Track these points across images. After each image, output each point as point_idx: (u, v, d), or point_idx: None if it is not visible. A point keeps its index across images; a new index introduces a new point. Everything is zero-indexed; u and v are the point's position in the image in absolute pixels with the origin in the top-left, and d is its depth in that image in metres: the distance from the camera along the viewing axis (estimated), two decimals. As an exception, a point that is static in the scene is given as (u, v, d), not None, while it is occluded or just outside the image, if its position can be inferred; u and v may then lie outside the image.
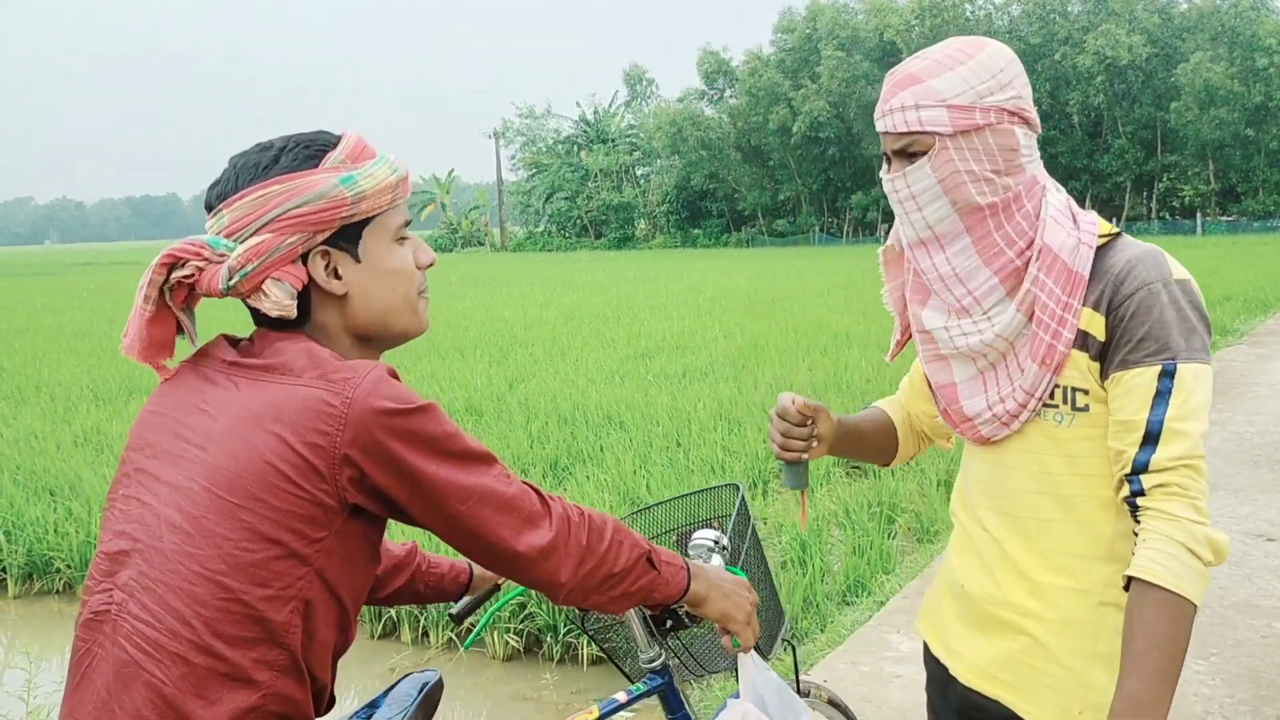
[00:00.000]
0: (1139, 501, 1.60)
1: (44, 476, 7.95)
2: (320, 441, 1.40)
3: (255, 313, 1.58)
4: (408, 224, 1.65)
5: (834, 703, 2.74)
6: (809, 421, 1.96)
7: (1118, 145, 55.87)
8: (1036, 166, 1.74)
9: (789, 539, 6.14)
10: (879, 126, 1.74)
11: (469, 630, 5.26)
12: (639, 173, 73.80)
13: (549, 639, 5.32)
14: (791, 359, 12.60)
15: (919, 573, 5.69)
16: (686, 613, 2.01)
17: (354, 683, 5.15)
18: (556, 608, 5.20)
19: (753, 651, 1.95)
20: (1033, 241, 1.70)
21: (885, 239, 1.99)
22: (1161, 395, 1.59)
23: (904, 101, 1.68)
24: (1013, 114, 1.67)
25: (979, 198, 1.68)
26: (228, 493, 1.40)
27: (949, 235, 1.73)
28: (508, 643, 5.35)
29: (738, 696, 1.98)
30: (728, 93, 66.54)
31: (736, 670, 2.01)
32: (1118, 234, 1.72)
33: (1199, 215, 52.91)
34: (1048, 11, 54.44)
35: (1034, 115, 1.72)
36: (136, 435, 1.55)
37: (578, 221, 73.31)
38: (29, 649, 5.41)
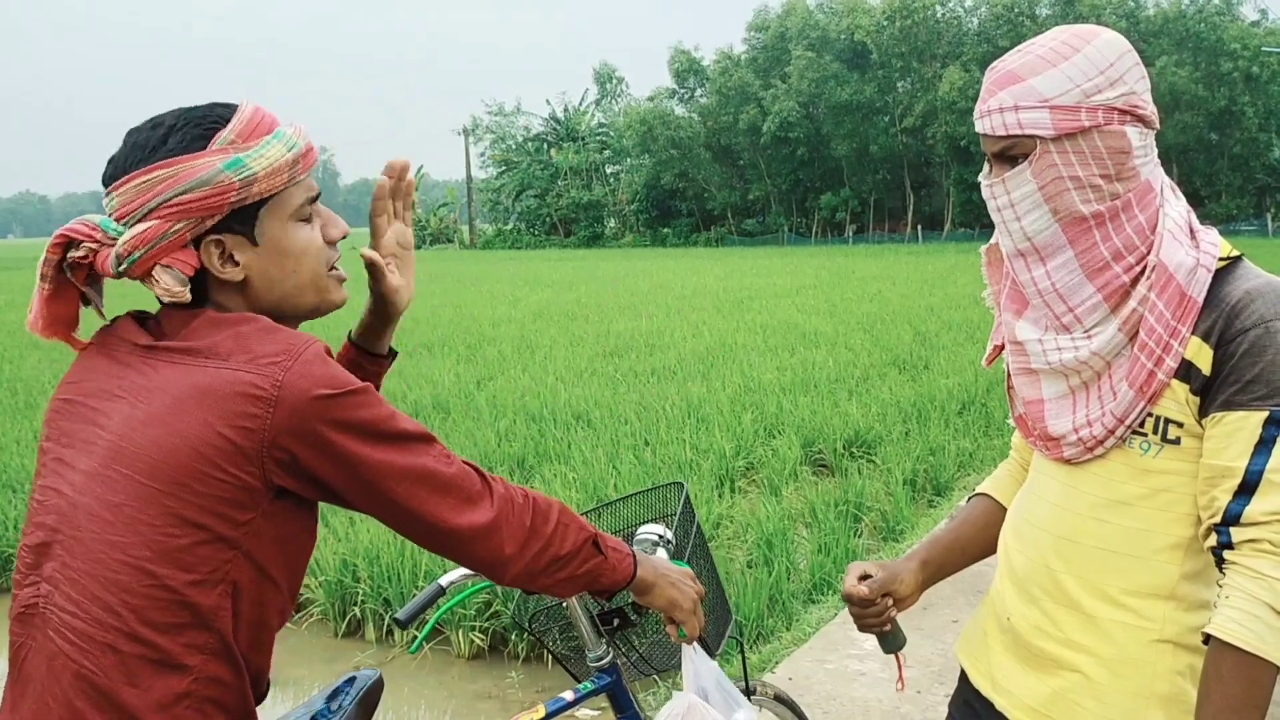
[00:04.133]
0: (1226, 555, 1.50)
1: (4, 473, 7.85)
2: (249, 424, 1.38)
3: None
4: (315, 198, 1.58)
5: (780, 699, 2.77)
6: (879, 599, 1.90)
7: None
8: (1152, 169, 1.60)
9: (755, 537, 6.15)
10: (977, 127, 1.63)
11: (435, 633, 5.24)
12: (609, 171, 73.70)
13: (514, 637, 5.31)
14: (760, 358, 12.63)
15: (884, 571, 5.70)
16: (634, 604, 2.01)
17: (318, 681, 5.12)
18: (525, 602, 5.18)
19: (696, 644, 1.96)
20: (1143, 257, 1.58)
21: (852, 240, 1.91)
22: (1265, 444, 1.47)
23: (1002, 102, 1.56)
24: (1124, 112, 1.54)
25: (1083, 206, 1.56)
26: (150, 479, 1.38)
27: (1050, 247, 1.61)
28: (472, 641, 5.32)
29: None
30: (698, 92, 66.57)
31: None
32: (1238, 258, 1.59)
33: (1163, 218, 53.40)
34: (1016, 15, 54.76)
35: (1150, 111, 1.57)
36: (52, 425, 1.52)
37: (547, 219, 73.12)
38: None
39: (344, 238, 1.63)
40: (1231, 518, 1.49)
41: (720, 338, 14.75)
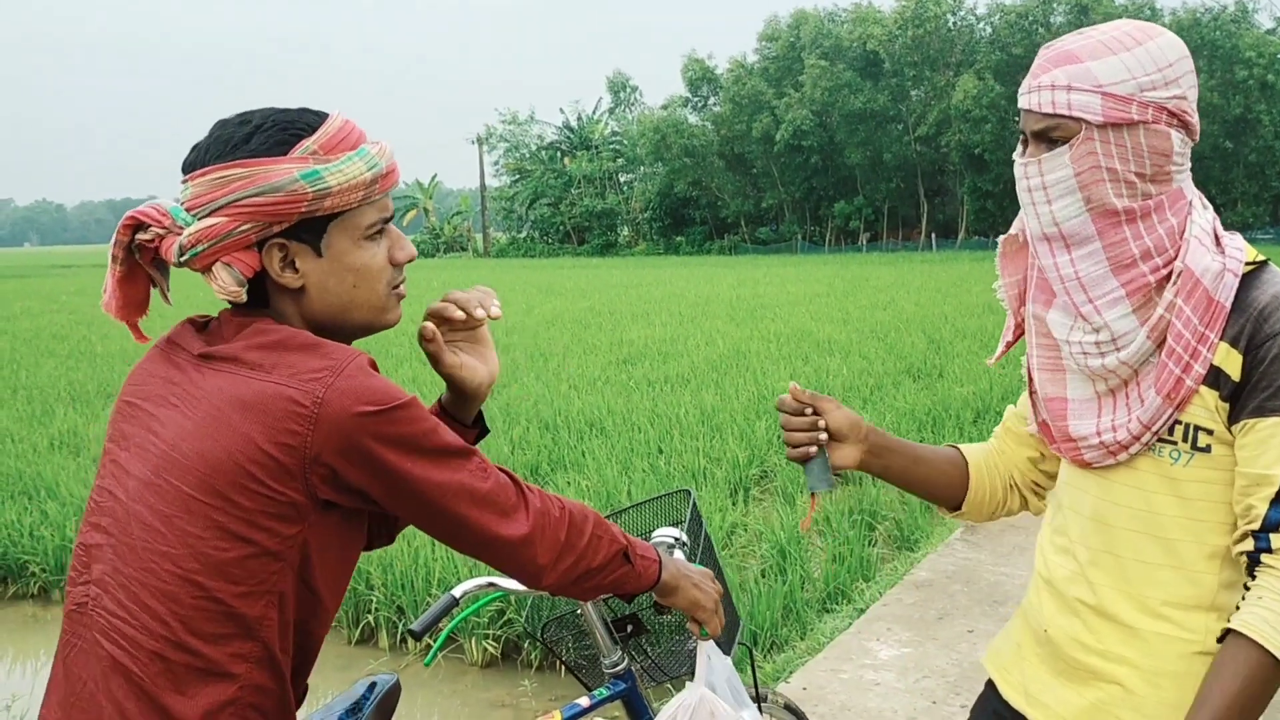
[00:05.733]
0: (1264, 558, 1.47)
1: (19, 480, 7.89)
2: (290, 441, 1.39)
3: None
4: (388, 219, 1.58)
5: (790, 709, 2.76)
6: (807, 410, 1.81)
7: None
8: (1185, 179, 1.59)
9: (769, 546, 6.14)
10: (1022, 103, 1.60)
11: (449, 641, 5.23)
12: (622, 179, 73.70)
13: (527, 645, 5.30)
14: (774, 366, 12.61)
15: (899, 580, 5.69)
16: (655, 606, 2.04)
17: (332, 689, 5.11)
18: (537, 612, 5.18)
19: (712, 642, 1.99)
20: (1170, 260, 1.55)
21: (866, 248, 1.87)
22: None
23: (1055, 80, 1.53)
24: (1173, 115, 1.52)
25: (1116, 200, 1.54)
26: (198, 491, 1.39)
27: (1077, 236, 1.58)
28: (485, 649, 5.32)
29: None
30: (711, 100, 66.56)
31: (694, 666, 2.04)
32: (1264, 262, 1.57)
33: (1178, 226, 53.14)
34: (1030, 23, 54.64)
35: (1195, 121, 1.56)
36: (114, 425, 1.55)
37: (560, 228, 73.18)
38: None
39: (411, 261, 1.62)
40: (1271, 524, 1.46)
41: (734, 346, 14.74)
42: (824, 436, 1.82)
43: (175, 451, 1.42)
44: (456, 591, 2.39)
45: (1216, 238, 1.59)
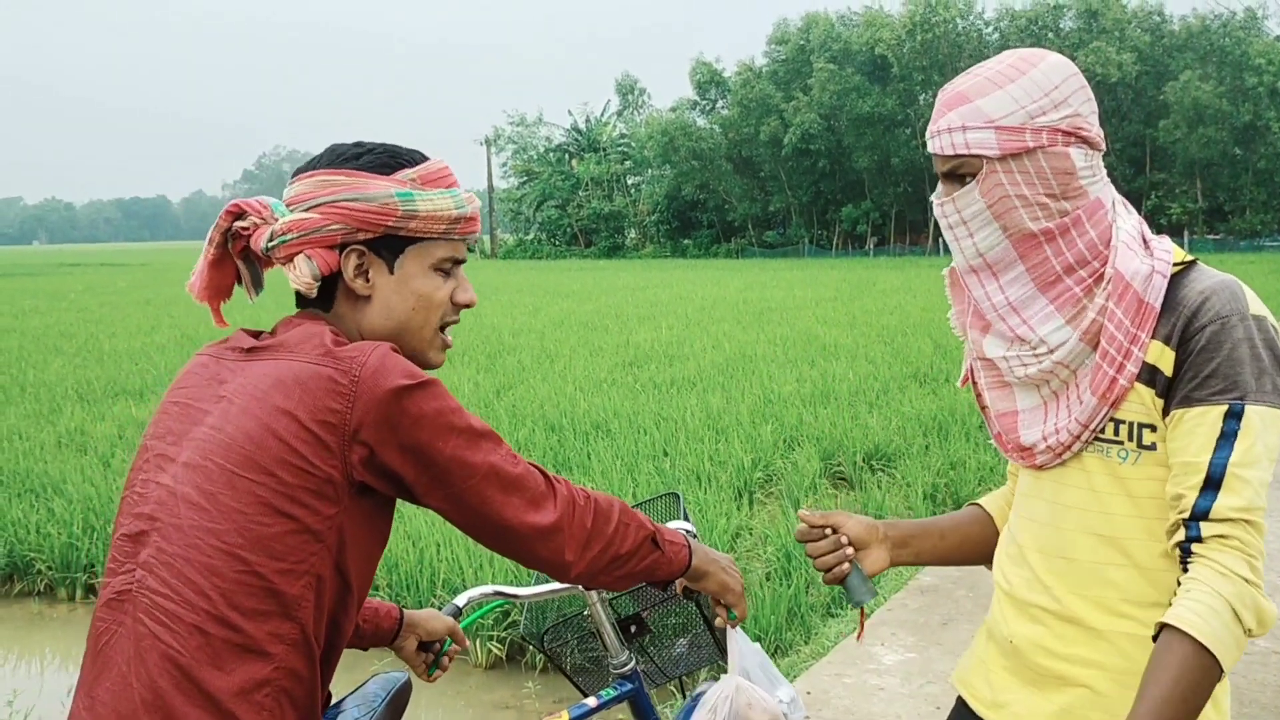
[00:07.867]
0: (1194, 549, 1.48)
1: (27, 477, 7.92)
2: (331, 419, 1.46)
3: (297, 295, 1.67)
4: (460, 263, 1.71)
5: None
6: (827, 531, 1.86)
7: (1106, 162, 55.14)
8: (1101, 187, 1.64)
9: (774, 550, 6.14)
10: (929, 147, 1.67)
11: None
12: (630, 182, 73.77)
13: (532, 647, 5.30)
14: (780, 370, 12.62)
15: (904, 585, 5.69)
16: (660, 604, 2.04)
17: (338, 689, 5.12)
18: (540, 616, 5.18)
19: (740, 629, 2.01)
20: (1096, 271, 1.61)
21: (873, 252, 1.90)
22: (1226, 437, 1.47)
23: (951, 123, 1.61)
24: (1068, 134, 1.59)
25: (1032, 224, 1.60)
26: (241, 468, 1.45)
27: (1001, 263, 1.65)
28: (490, 650, 5.33)
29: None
30: (719, 103, 66.62)
31: (696, 672, 2.04)
32: (1192, 262, 1.61)
33: (1186, 233, 53.05)
34: (1040, 28, 54.66)
35: (1095, 133, 1.62)
36: (158, 423, 1.60)
37: (568, 230, 73.25)
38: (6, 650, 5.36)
39: (470, 306, 1.73)
40: (1200, 513, 1.48)
41: (740, 349, 14.74)
42: (851, 551, 1.87)
43: (220, 434, 1.48)
44: (460, 600, 2.39)
45: (1145, 241, 1.64)
